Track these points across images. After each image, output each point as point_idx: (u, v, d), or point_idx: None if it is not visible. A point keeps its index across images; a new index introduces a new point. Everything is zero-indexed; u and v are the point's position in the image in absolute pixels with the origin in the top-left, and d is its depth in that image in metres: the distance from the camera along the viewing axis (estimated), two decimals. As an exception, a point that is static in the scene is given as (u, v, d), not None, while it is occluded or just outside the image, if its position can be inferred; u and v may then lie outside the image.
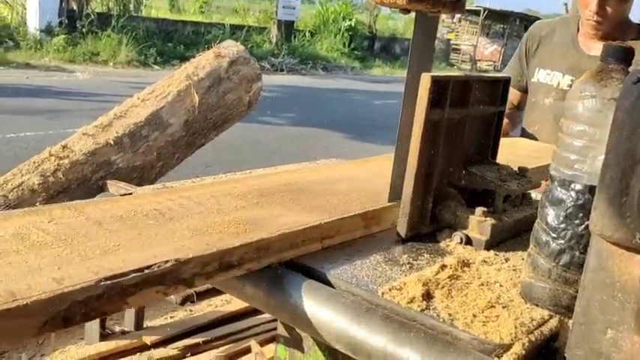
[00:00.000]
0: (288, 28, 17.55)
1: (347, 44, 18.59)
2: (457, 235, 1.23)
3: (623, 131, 0.78)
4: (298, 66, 15.72)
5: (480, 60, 23.71)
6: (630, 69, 0.91)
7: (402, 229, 1.21)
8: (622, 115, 0.78)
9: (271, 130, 7.65)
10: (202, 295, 1.38)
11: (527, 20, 26.22)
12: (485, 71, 22.71)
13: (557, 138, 0.98)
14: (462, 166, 1.32)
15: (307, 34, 18.30)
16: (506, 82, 1.43)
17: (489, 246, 1.21)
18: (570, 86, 2.09)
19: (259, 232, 1.06)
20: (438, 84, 1.17)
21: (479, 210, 1.23)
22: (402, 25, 24.70)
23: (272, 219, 1.14)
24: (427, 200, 1.25)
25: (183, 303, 1.32)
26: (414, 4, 1.12)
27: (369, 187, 1.42)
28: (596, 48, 2.09)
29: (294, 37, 17.68)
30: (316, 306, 0.98)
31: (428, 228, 1.27)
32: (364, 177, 1.56)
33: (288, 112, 9.08)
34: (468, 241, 1.22)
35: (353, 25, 19.27)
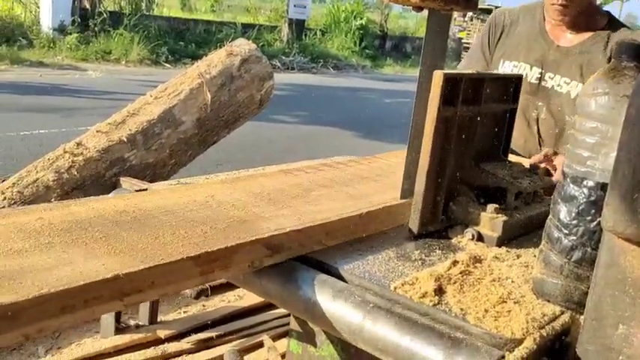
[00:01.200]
0: (299, 27, 17.55)
1: (358, 43, 18.57)
2: (469, 232, 1.24)
3: (635, 128, 0.78)
4: (309, 64, 15.73)
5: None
6: None
7: (414, 226, 1.22)
8: (635, 111, 0.78)
9: (282, 129, 7.66)
10: (216, 290, 1.39)
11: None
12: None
13: (570, 135, 0.98)
14: (473, 163, 1.33)
15: (318, 32, 18.30)
16: (518, 79, 1.43)
17: (501, 242, 1.22)
18: (539, 79, 1.98)
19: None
20: (450, 81, 1.18)
21: (490, 207, 1.24)
22: (413, 23, 24.65)
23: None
24: (439, 197, 1.25)
25: (197, 297, 1.34)
26: (427, 1, 1.13)
27: (389, 183, 1.46)
28: (566, 38, 1.98)
29: (305, 35, 17.68)
30: (330, 300, 0.99)
31: (440, 225, 1.27)
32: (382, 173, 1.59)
33: (299, 110, 9.08)
34: (480, 238, 1.23)
35: (364, 23, 19.24)
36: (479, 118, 1.31)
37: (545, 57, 1.99)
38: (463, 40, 23.38)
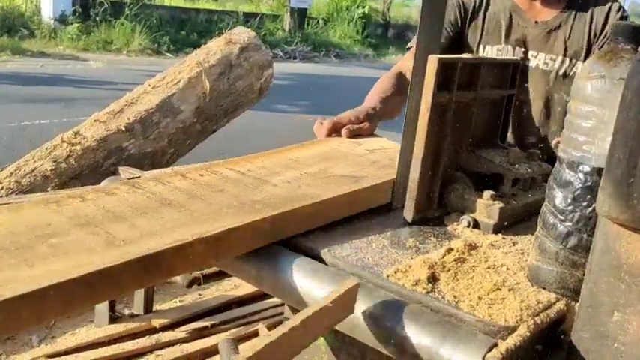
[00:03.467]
0: (301, 16, 17.46)
1: (360, 32, 18.46)
2: (465, 219, 1.23)
3: (631, 111, 0.77)
4: (311, 54, 15.65)
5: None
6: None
7: (409, 213, 1.21)
8: (630, 94, 0.76)
9: (285, 118, 7.63)
10: (211, 278, 1.38)
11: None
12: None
13: (565, 119, 0.97)
14: (470, 149, 1.32)
15: (320, 21, 18.20)
16: (515, 65, 1.41)
17: (497, 230, 1.20)
18: (523, 59, 1.88)
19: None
20: (445, 66, 1.16)
21: (487, 194, 1.23)
22: (416, 12, 24.51)
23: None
24: (435, 184, 1.24)
25: (190, 285, 1.33)
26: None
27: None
28: (543, 12, 1.89)
29: (308, 24, 17.59)
30: (321, 287, 0.98)
31: (435, 212, 1.26)
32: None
33: (301, 99, 9.05)
34: (476, 225, 1.22)
35: (366, 12, 19.12)
36: (475, 104, 1.29)
37: (525, 36, 1.90)
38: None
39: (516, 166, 1.29)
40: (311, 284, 1.00)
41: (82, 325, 1.95)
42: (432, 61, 1.14)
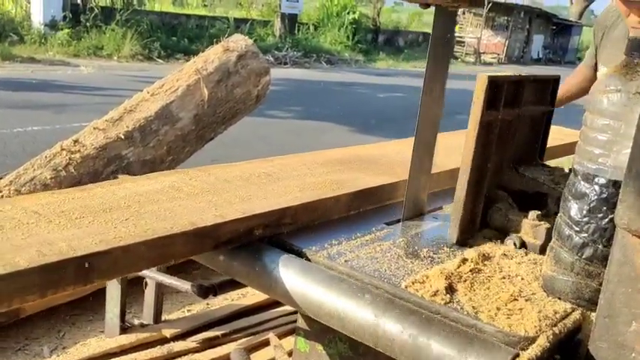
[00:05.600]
0: (291, 21, 17.49)
1: (351, 37, 18.52)
2: (511, 240, 1.20)
3: (650, 125, 0.78)
4: (302, 59, 15.67)
5: (484, 52, 23.63)
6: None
7: (454, 234, 1.18)
8: (650, 109, 0.78)
9: (277, 124, 7.64)
10: (223, 288, 1.38)
11: (531, 12, 26.13)
12: (490, 64, 22.64)
13: (580, 132, 0.98)
14: (512, 167, 1.29)
15: (311, 27, 18.24)
16: (555, 81, 1.39)
17: (543, 250, 1.16)
18: None
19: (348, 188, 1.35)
20: (492, 84, 1.12)
21: (532, 214, 1.20)
22: (405, 17, 24.63)
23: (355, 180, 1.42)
24: (478, 203, 1.21)
25: (206, 295, 1.34)
26: (436, -2, 1.12)
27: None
28: None
29: (298, 30, 17.62)
30: (337, 299, 0.99)
31: (477, 233, 1.23)
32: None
33: (293, 105, 9.06)
34: (522, 245, 1.19)
35: (357, 17, 19.18)
36: (518, 122, 1.27)
37: None
38: (456, 34, 23.38)
39: (561, 184, 1.26)
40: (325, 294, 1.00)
41: (92, 336, 1.94)
42: (482, 80, 1.12)
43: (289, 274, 1.05)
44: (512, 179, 1.29)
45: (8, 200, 1.08)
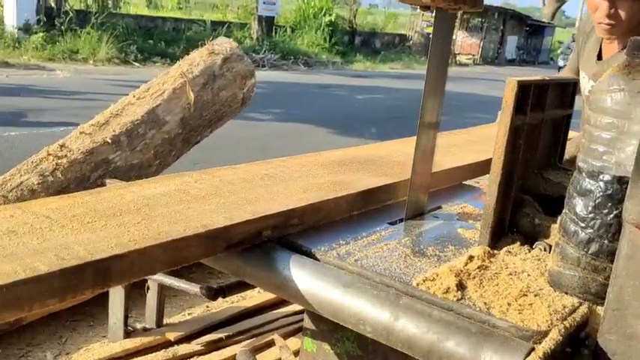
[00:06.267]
0: (268, 24, 17.48)
1: (328, 39, 18.57)
2: (539, 245, 1.20)
3: (658, 123, 0.81)
4: (280, 62, 15.67)
5: (459, 53, 23.88)
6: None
7: (485, 240, 1.17)
8: (657, 107, 0.81)
9: (256, 127, 7.63)
10: (232, 290, 1.39)
11: (505, 13, 26.46)
12: (465, 64, 22.87)
13: (584, 130, 1.01)
14: (536, 172, 1.30)
15: (288, 29, 18.25)
16: (574, 84, 1.40)
17: None
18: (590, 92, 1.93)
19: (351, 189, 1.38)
20: (520, 88, 1.11)
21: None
22: (381, 19, 24.75)
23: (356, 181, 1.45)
24: (507, 208, 1.21)
25: (215, 297, 1.34)
26: (438, 0, 1.14)
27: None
28: (613, 53, 1.92)
29: (275, 32, 17.61)
30: (352, 299, 1.00)
31: (508, 238, 1.23)
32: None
33: (272, 108, 9.05)
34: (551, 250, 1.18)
35: (333, 20, 19.24)
36: (542, 125, 1.27)
37: (598, 73, 1.93)
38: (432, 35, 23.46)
39: None
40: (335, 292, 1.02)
41: (94, 341, 1.92)
42: (512, 84, 1.10)
43: (301, 274, 1.06)
44: (537, 184, 1.29)
45: (17, 205, 1.07)
